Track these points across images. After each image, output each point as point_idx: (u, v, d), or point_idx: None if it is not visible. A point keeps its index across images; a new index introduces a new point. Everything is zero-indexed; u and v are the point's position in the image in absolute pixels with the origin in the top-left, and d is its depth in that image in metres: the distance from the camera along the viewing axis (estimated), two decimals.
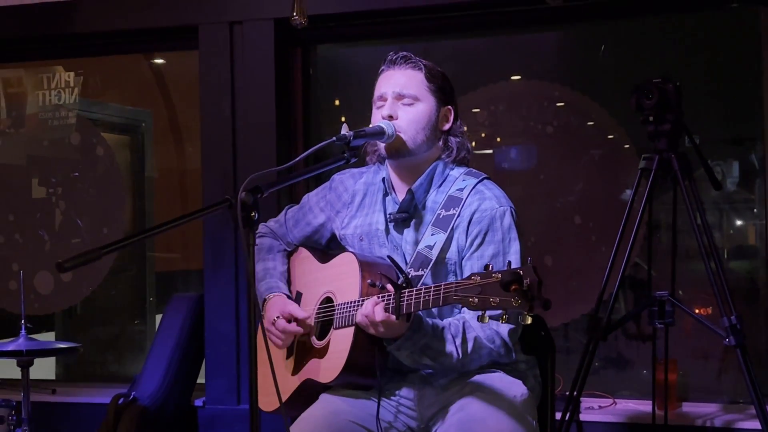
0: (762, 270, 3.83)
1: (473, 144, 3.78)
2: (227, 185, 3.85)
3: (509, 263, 1.90)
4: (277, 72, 3.87)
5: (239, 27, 3.89)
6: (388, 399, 2.28)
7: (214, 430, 3.86)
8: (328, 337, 2.28)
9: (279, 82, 3.88)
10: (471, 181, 2.30)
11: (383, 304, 2.06)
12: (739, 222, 3.99)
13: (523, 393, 2.21)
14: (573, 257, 3.89)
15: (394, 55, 2.33)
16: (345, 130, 2.16)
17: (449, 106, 2.36)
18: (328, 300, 2.34)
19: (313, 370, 2.31)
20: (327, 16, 3.81)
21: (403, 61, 2.32)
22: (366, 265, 2.24)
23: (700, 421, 3.46)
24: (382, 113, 2.29)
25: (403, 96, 2.29)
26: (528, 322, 1.81)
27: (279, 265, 2.52)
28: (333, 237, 2.51)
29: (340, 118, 4.38)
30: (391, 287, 2.04)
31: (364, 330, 2.12)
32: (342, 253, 2.37)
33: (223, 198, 1.84)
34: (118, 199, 4.49)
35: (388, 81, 2.32)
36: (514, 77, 4.08)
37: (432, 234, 2.25)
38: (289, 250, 2.58)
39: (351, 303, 2.20)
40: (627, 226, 3.20)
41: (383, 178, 2.39)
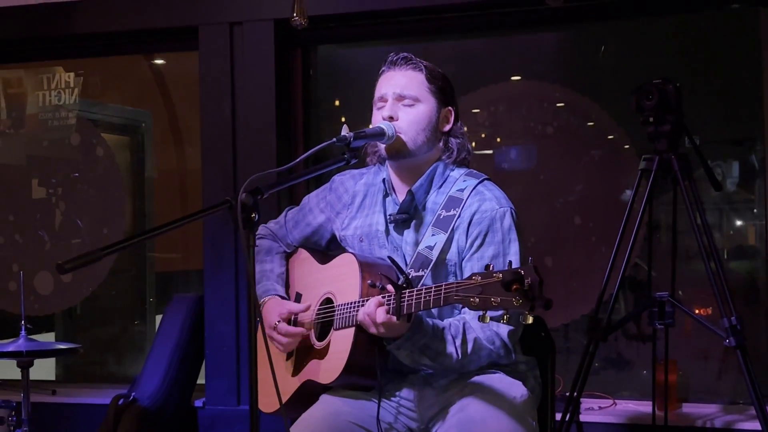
0: (762, 270, 3.83)
1: (473, 144, 3.77)
2: (227, 186, 3.85)
3: (510, 263, 1.89)
4: (277, 73, 3.87)
5: (239, 28, 3.88)
6: (389, 400, 2.28)
7: (214, 431, 3.86)
8: (328, 338, 2.28)
9: (279, 83, 3.88)
10: (471, 181, 2.30)
11: (387, 307, 2.05)
12: (739, 222, 3.99)
13: (523, 394, 2.21)
14: (573, 258, 3.89)
15: (394, 56, 2.33)
16: (345, 131, 2.16)
17: (450, 107, 2.36)
18: (328, 301, 2.34)
19: (313, 371, 2.30)
20: (327, 16, 3.81)
21: (404, 62, 2.32)
22: (366, 266, 2.24)
23: (700, 422, 3.46)
24: (382, 114, 2.29)
25: (403, 97, 2.29)
26: (529, 321, 1.81)
27: (276, 267, 2.52)
28: (333, 238, 2.51)
29: (340, 118, 4.38)
30: (391, 288, 2.04)
31: (364, 330, 2.12)
32: (342, 253, 2.37)
33: (224, 199, 1.84)
34: (118, 200, 4.49)
35: (388, 82, 2.32)
36: (514, 78, 4.07)
37: (432, 234, 2.25)
38: (288, 251, 2.58)
39: (351, 304, 2.20)
40: (627, 227, 3.19)
41: (383, 179, 2.39)
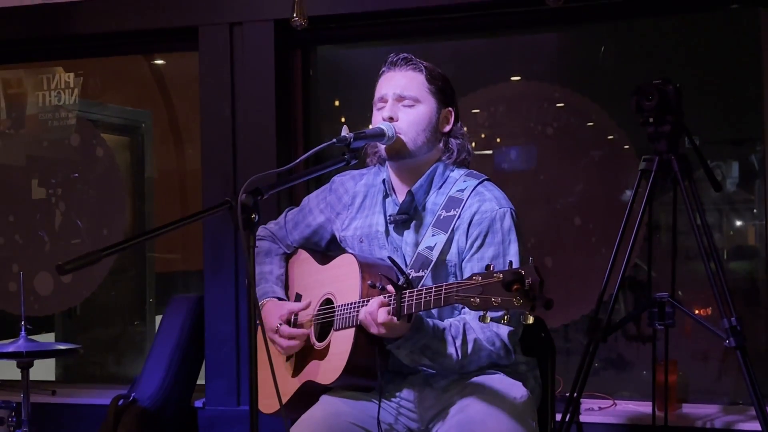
0: (762, 271, 3.83)
1: (473, 145, 3.77)
2: (227, 186, 3.85)
3: (510, 263, 1.89)
4: (277, 73, 3.86)
5: (239, 28, 3.88)
6: (389, 400, 2.27)
7: None
8: (328, 338, 2.28)
9: (279, 84, 3.88)
10: (471, 182, 2.30)
11: (389, 308, 2.04)
12: (738, 223, 3.99)
13: (523, 394, 2.21)
14: (573, 258, 3.89)
15: (394, 57, 2.33)
16: (345, 131, 2.15)
17: (450, 108, 2.36)
18: (328, 301, 2.34)
19: (313, 372, 2.30)
20: (327, 17, 3.80)
21: (404, 62, 2.32)
22: (366, 267, 2.24)
23: (700, 423, 3.46)
24: (382, 115, 2.29)
25: (403, 98, 2.29)
26: (530, 321, 1.81)
27: (275, 268, 2.52)
28: (333, 239, 2.51)
29: (340, 119, 4.38)
30: (391, 288, 2.04)
31: (364, 331, 2.12)
32: (342, 254, 2.37)
33: (224, 200, 1.84)
34: (117, 200, 4.49)
35: (388, 83, 2.32)
36: (514, 78, 4.07)
37: (432, 235, 2.24)
38: (288, 252, 2.58)
39: (351, 304, 2.20)
40: (627, 227, 3.19)
41: (383, 180, 2.39)
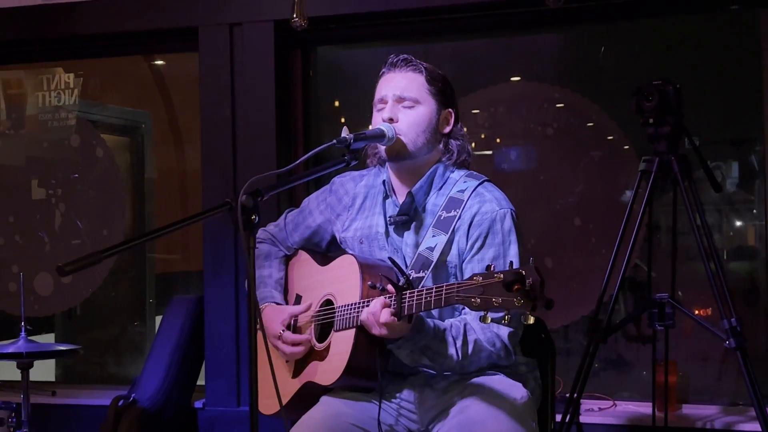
0: (762, 271, 3.83)
1: (473, 145, 3.77)
2: (227, 187, 3.85)
3: (511, 264, 1.89)
4: (277, 74, 3.87)
5: (239, 29, 3.88)
6: (389, 401, 2.27)
7: None
8: (328, 339, 2.28)
9: (279, 84, 3.88)
10: (472, 183, 2.30)
11: (391, 309, 2.04)
12: (738, 223, 3.99)
13: (523, 395, 2.21)
14: (573, 259, 3.89)
15: (394, 58, 2.33)
16: (345, 132, 2.15)
17: (450, 109, 2.35)
18: (328, 302, 2.34)
19: (313, 373, 2.30)
20: (327, 17, 3.81)
21: (404, 63, 2.32)
22: (366, 267, 2.24)
23: (700, 423, 3.46)
24: (382, 116, 2.29)
25: (403, 99, 2.29)
26: (530, 321, 1.81)
27: (275, 272, 2.52)
28: (333, 240, 2.51)
29: (340, 119, 4.38)
30: (392, 288, 2.04)
31: (365, 332, 2.12)
32: (342, 255, 2.37)
33: (224, 201, 1.84)
34: (117, 201, 4.49)
35: (388, 84, 2.32)
36: (514, 79, 4.07)
37: (433, 236, 2.24)
38: (288, 254, 2.58)
39: (352, 305, 2.20)
40: (627, 228, 3.19)
41: (383, 181, 2.39)
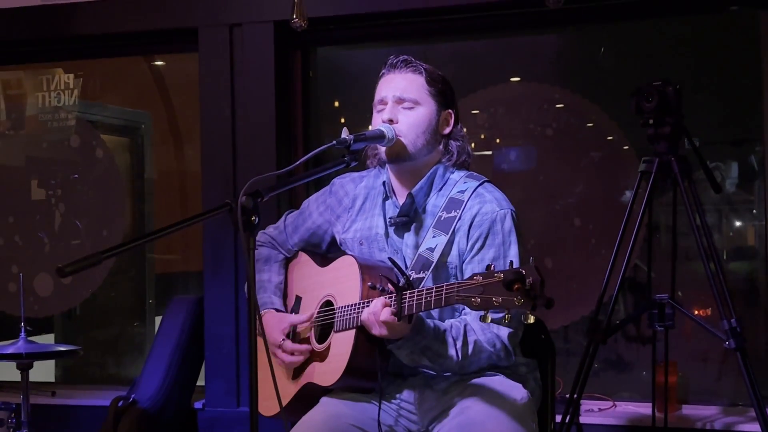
0: (762, 271, 3.83)
1: (473, 146, 3.77)
2: (227, 187, 3.85)
3: (511, 263, 1.89)
4: (277, 74, 3.86)
5: (239, 29, 3.88)
6: (389, 402, 2.27)
7: None
8: (328, 340, 2.28)
9: (279, 85, 3.88)
10: (472, 183, 2.30)
11: (392, 308, 2.04)
12: (738, 223, 3.99)
13: (523, 396, 2.21)
14: (573, 259, 3.89)
15: (394, 59, 2.33)
16: (345, 133, 2.15)
17: (450, 110, 2.35)
18: (328, 303, 2.34)
19: (313, 374, 2.30)
20: (327, 18, 3.81)
21: (404, 64, 2.32)
22: (366, 268, 2.24)
23: (700, 424, 3.46)
24: (382, 117, 2.28)
25: (403, 100, 2.29)
26: (531, 321, 1.81)
27: (274, 276, 2.51)
28: (333, 241, 2.50)
29: (340, 120, 4.38)
30: (392, 289, 2.04)
31: (365, 332, 2.12)
32: (342, 256, 2.37)
33: (224, 202, 1.84)
34: (117, 201, 4.49)
35: (388, 85, 2.32)
36: (513, 79, 4.07)
37: (433, 236, 2.24)
38: (288, 256, 2.57)
39: (352, 306, 2.20)
40: (627, 229, 3.20)
41: (383, 182, 2.39)
